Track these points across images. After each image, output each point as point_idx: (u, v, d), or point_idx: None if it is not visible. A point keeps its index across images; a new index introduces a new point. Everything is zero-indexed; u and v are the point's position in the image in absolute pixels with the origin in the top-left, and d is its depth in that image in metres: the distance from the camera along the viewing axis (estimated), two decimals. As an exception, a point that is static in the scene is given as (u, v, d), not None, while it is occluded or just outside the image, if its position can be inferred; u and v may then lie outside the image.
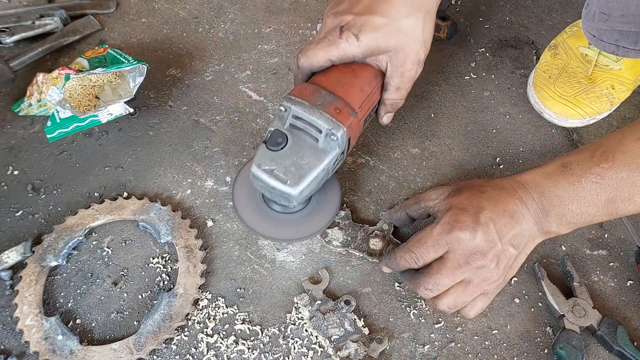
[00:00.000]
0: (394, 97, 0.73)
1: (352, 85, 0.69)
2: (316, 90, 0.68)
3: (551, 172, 0.65)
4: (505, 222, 0.63)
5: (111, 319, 0.73)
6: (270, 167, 0.67)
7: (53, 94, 0.85)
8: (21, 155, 0.88)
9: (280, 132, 0.68)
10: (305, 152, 0.67)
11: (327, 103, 0.66)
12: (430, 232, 0.65)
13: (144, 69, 0.86)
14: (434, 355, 0.71)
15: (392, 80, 0.71)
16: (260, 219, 0.76)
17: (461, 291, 0.65)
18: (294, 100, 0.67)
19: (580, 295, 0.73)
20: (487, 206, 0.64)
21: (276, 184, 0.66)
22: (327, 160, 0.67)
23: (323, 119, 0.65)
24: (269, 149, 0.67)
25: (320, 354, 0.71)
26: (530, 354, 0.72)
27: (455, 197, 0.66)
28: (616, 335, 0.69)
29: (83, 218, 0.80)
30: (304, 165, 0.66)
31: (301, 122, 0.67)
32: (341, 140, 0.66)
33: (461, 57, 1.02)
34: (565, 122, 0.90)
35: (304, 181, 0.66)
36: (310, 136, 0.67)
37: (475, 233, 0.62)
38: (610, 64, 0.88)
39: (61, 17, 1.03)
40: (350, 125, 0.67)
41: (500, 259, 0.64)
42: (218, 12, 1.09)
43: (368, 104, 0.71)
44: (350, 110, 0.67)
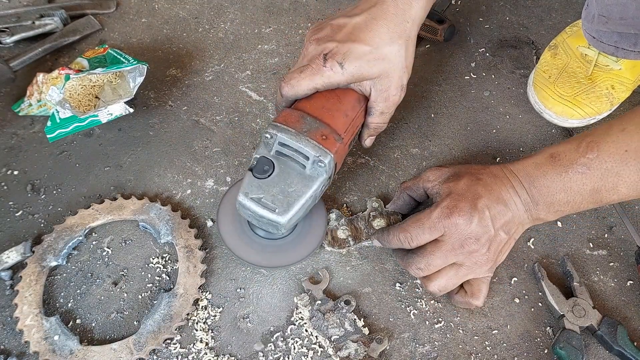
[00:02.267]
0: (377, 121, 0.75)
1: (337, 111, 0.70)
2: (301, 117, 0.68)
3: (541, 163, 0.67)
4: (499, 209, 0.66)
5: (111, 319, 0.73)
6: (257, 196, 0.67)
7: (53, 94, 0.85)
8: (21, 155, 0.88)
9: (267, 159, 0.68)
10: (292, 180, 0.67)
11: (313, 130, 0.67)
12: (429, 214, 0.67)
13: (144, 69, 0.86)
14: (434, 355, 0.71)
15: (376, 105, 0.73)
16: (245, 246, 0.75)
17: (453, 273, 0.68)
18: (279, 127, 0.67)
19: (580, 295, 0.73)
20: (484, 193, 0.66)
21: (264, 212, 0.66)
22: (315, 186, 0.68)
23: (310, 146, 0.65)
24: (256, 176, 0.67)
25: (320, 354, 0.71)
26: (530, 354, 0.72)
27: (454, 182, 0.68)
28: (616, 335, 0.69)
29: (83, 218, 0.80)
30: (292, 193, 0.67)
31: (288, 149, 0.67)
32: (328, 166, 0.66)
33: (461, 57, 1.02)
34: (565, 122, 0.90)
35: (292, 209, 0.66)
36: (297, 163, 0.67)
37: (472, 219, 0.64)
38: (610, 64, 0.88)
39: (61, 17, 1.03)
40: (337, 151, 0.67)
41: (492, 243, 0.66)
42: (218, 12, 1.09)
43: (352, 128, 0.72)
44: (336, 136, 0.68)
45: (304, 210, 0.69)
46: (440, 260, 0.67)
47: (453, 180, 0.69)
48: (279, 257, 0.75)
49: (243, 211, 0.69)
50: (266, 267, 0.76)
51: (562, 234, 0.81)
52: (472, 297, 0.70)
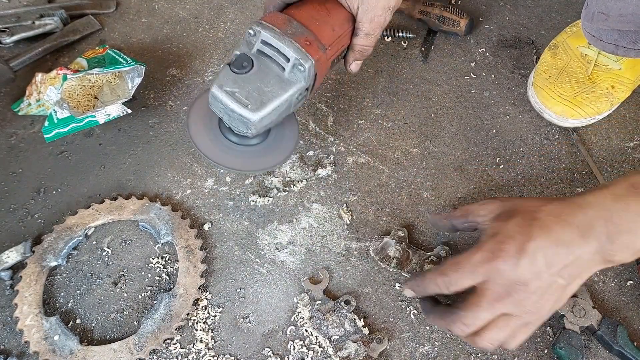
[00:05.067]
0: (363, 42, 0.74)
1: (325, 23, 0.69)
2: (288, 20, 0.67)
3: (621, 194, 0.57)
4: (557, 251, 0.56)
5: (111, 319, 0.73)
6: (232, 89, 0.64)
7: (51, 94, 0.85)
8: (21, 155, 0.88)
9: (247, 57, 0.66)
10: (270, 80, 0.66)
11: (299, 34, 0.66)
12: (469, 257, 0.58)
13: (142, 69, 0.86)
14: (434, 355, 0.71)
15: (362, 25, 0.72)
16: (216, 149, 0.72)
17: (503, 325, 0.58)
18: (264, 25, 0.65)
19: (581, 296, 0.73)
20: (539, 235, 0.57)
21: (236, 107, 0.64)
22: (292, 91, 0.66)
23: (292, 48, 0.64)
24: (233, 71, 0.65)
25: (320, 354, 0.71)
26: (530, 354, 0.72)
27: (504, 222, 0.60)
28: (616, 335, 0.69)
29: (83, 218, 0.80)
30: (267, 93, 0.65)
31: (269, 48, 0.66)
32: (308, 72, 0.65)
33: (461, 57, 1.02)
34: (565, 122, 0.90)
35: (265, 108, 0.65)
36: (277, 64, 0.66)
37: (519, 263, 0.56)
38: (610, 64, 0.88)
39: (61, 17, 1.03)
40: (319, 59, 0.66)
41: (546, 290, 0.57)
42: (218, 12, 1.09)
43: (337, 45, 0.71)
44: (320, 45, 0.67)
45: (277, 114, 0.67)
46: (488, 313, 0.58)
47: (504, 219, 0.60)
48: (248, 161, 0.73)
49: (215, 104, 0.67)
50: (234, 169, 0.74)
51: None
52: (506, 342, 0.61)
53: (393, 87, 0.97)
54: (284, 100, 0.66)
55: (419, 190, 0.86)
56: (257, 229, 0.81)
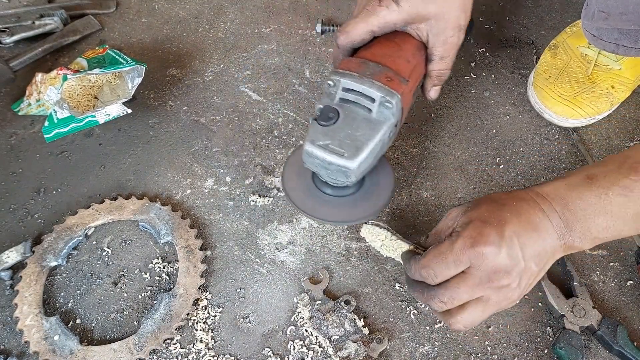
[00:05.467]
0: (439, 67, 0.72)
1: (399, 57, 0.68)
2: (363, 63, 0.66)
3: (575, 184, 0.60)
4: (529, 236, 0.59)
5: (111, 319, 0.73)
6: (324, 142, 0.63)
7: (51, 94, 0.85)
8: (21, 155, 0.88)
9: (331, 107, 0.65)
10: (359, 124, 0.64)
11: (377, 73, 0.65)
12: (450, 246, 0.59)
13: (142, 69, 0.86)
14: (434, 355, 0.71)
15: (435, 50, 0.71)
16: (315, 203, 0.71)
17: (480, 310, 0.60)
18: (342, 73, 0.65)
19: (581, 295, 0.73)
20: (511, 219, 0.59)
21: (333, 158, 0.63)
22: (383, 130, 0.64)
23: (375, 87, 0.63)
24: (321, 124, 0.64)
25: (320, 354, 0.71)
26: (530, 354, 0.72)
27: (474, 211, 0.61)
28: (616, 335, 0.69)
29: (83, 218, 0.80)
30: (359, 137, 0.63)
31: (352, 94, 0.65)
32: (396, 108, 0.64)
33: (461, 57, 1.02)
34: (565, 122, 0.90)
35: (362, 153, 0.63)
36: (362, 107, 0.65)
37: (500, 249, 0.57)
38: (610, 64, 0.88)
39: (61, 17, 1.03)
40: (403, 92, 0.65)
41: (522, 277, 0.59)
42: (218, 12, 1.09)
43: (416, 76, 0.70)
44: (401, 78, 0.66)
45: (373, 156, 0.65)
46: (466, 295, 0.59)
47: (473, 209, 0.62)
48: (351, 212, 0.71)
49: (310, 161, 0.65)
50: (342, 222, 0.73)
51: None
52: None
53: (393, 87, 0.97)
54: (378, 141, 0.64)
55: (419, 190, 0.86)
56: (257, 229, 0.81)
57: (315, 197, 0.71)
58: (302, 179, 0.73)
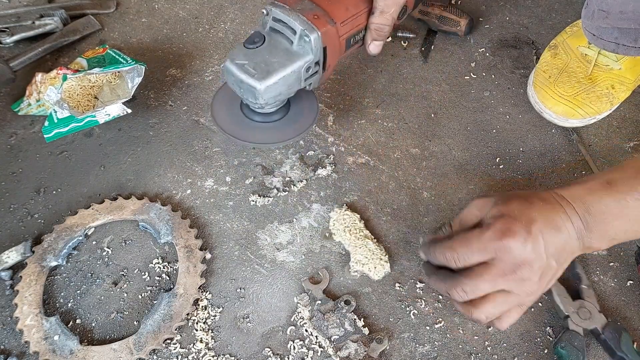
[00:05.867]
0: (378, 21, 0.75)
1: (337, 2, 0.72)
2: (301, 0, 0.71)
3: (595, 189, 0.63)
4: (553, 235, 0.61)
5: (111, 319, 0.73)
6: (241, 62, 0.69)
7: (51, 94, 0.85)
8: (21, 155, 0.88)
9: (259, 34, 0.71)
10: (278, 52, 0.70)
11: (307, 10, 0.70)
12: (479, 234, 0.61)
13: (142, 69, 0.86)
14: (434, 355, 0.71)
15: (377, 3, 0.74)
16: (236, 126, 0.78)
17: (502, 300, 0.62)
18: (275, 4, 0.70)
19: (588, 298, 0.73)
20: (538, 218, 0.61)
21: (244, 76, 0.68)
22: (299, 63, 0.70)
23: (299, 21, 0.68)
24: (245, 46, 0.70)
25: (320, 354, 0.70)
26: (530, 354, 0.72)
27: (504, 206, 0.63)
28: (620, 341, 0.69)
29: (83, 218, 0.80)
30: (274, 63, 0.69)
31: (279, 24, 0.70)
32: (314, 44, 0.69)
33: (461, 57, 1.02)
34: (565, 122, 0.90)
35: (271, 77, 0.68)
36: (286, 38, 0.70)
37: (526, 244, 0.59)
38: (610, 64, 0.88)
39: (61, 17, 1.03)
40: (326, 32, 0.69)
41: (544, 272, 0.61)
42: (218, 12, 1.09)
43: (352, 24, 0.74)
44: (329, 19, 0.70)
45: (286, 85, 0.70)
46: (489, 285, 0.61)
47: (503, 204, 0.64)
48: (266, 135, 0.77)
49: (227, 77, 0.71)
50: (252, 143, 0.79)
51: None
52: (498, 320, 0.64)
53: (393, 87, 0.97)
54: (291, 70, 0.69)
55: (419, 190, 0.86)
56: (257, 229, 0.81)
57: (241, 122, 0.78)
58: (231, 107, 0.79)
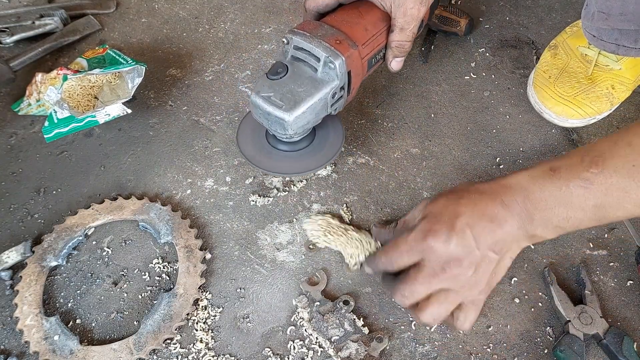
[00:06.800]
0: (399, 38, 0.74)
1: (356, 24, 0.71)
2: (320, 25, 0.70)
3: (537, 175, 0.62)
4: (484, 225, 0.61)
5: (111, 319, 0.73)
6: (268, 94, 0.68)
7: (51, 94, 0.85)
8: (21, 155, 0.88)
9: (282, 64, 0.69)
10: (303, 81, 0.68)
11: (329, 35, 0.68)
12: (405, 238, 0.63)
13: (142, 69, 0.86)
14: (434, 355, 0.71)
15: (396, 20, 0.73)
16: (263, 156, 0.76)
17: (443, 299, 0.62)
18: (296, 32, 0.69)
19: (590, 304, 0.72)
20: (464, 211, 0.61)
21: (272, 109, 0.67)
22: (325, 90, 0.68)
23: (322, 47, 0.67)
24: (269, 78, 0.69)
25: (320, 354, 0.71)
26: (530, 354, 0.72)
27: (431, 205, 0.65)
28: (622, 346, 0.68)
29: (83, 218, 0.80)
30: (300, 93, 0.67)
31: (302, 52, 0.69)
32: (339, 69, 0.67)
33: (461, 57, 1.02)
34: (565, 122, 0.90)
35: (299, 108, 0.67)
36: (310, 66, 0.69)
37: (450, 241, 0.60)
38: (610, 64, 0.88)
39: (61, 17, 1.03)
40: (350, 56, 0.68)
41: (480, 265, 0.61)
42: (218, 12, 1.09)
43: (372, 45, 0.73)
44: (351, 42, 0.69)
45: (313, 113, 0.69)
46: (424, 287, 0.62)
47: (430, 203, 0.65)
48: (293, 165, 0.76)
49: (254, 111, 0.70)
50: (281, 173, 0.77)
51: (562, 234, 0.81)
52: (457, 322, 0.65)
53: (393, 87, 0.97)
54: (318, 99, 0.68)
55: (419, 190, 0.86)
56: (257, 229, 0.81)
57: (267, 151, 0.76)
58: (256, 136, 0.78)
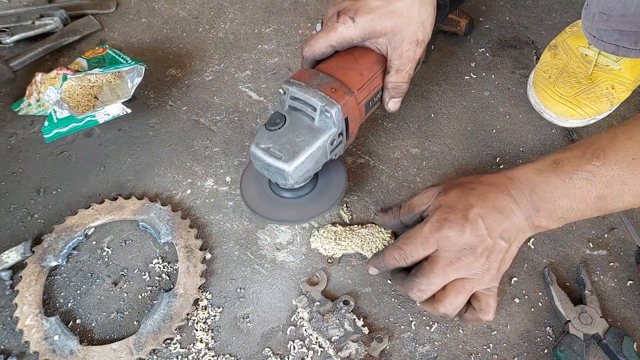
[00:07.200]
0: (395, 79, 0.74)
1: (351, 69, 0.71)
2: (315, 74, 0.70)
3: (542, 169, 0.66)
4: (495, 217, 0.64)
5: (111, 319, 0.73)
6: (267, 145, 0.68)
7: (51, 94, 0.85)
8: (21, 155, 0.88)
9: (279, 114, 0.70)
10: (301, 131, 0.68)
11: (324, 83, 0.68)
12: (419, 230, 0.65)
13: (142, 69, 0.86)
14: (434, 355, 0.71)
15: (392, 62, 0.73)
16: (264, 204, 0.76)
17: (460, 288, 0.65)
18: (291, 82, 0.69)
19: (590, 304, 0.72)
20: (476, 203, 0.64)
21: (271, 160, 0.68)
22: (323, 138, 0.68)
23: (318, 97, 0.67)
24: (267, 129, 0.69)
25: (321, 354, 0.71)
26: (530, 354, 0.72)
27: (444, 196, 0.67)
28: (622, 346, 0.68)
29: (83, 218, 0.80)
30: (299, 143, 0.68)
31: (298, 102, 0.69)
32: (336, 117, 0.67)
33: (461, 57, 1.02)
34: (565, 122, 0.90)
35: (298, 158, 0.67)
36: (307, 116, 0.69)
37: (464, 230, 0.63)
38: (610, 64, 0.88)
39: (61, 17, 1.03)
40: (345, 103, 0.68)
41: (491, 252, 0.64)
42: (218, 12, 1.09)
43: (369, 88, 0.73)
44: (346, 89, 0.69)
45: (313, 162, 0.69)
46: (440, 278, 0.64)
47: (443, 194, 0.68)
48: (296, 212, 0.76)
49: (255, 161, 0.70)
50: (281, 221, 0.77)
51: (562, 234, 0.81)
52: (481, 312, 0.67)
53: (393, 87, 0.97)
54: (316, 147, 0.68)
55: (419, 190, 0.85)
56: (257, 229, 0.81)
57: (273, 201, 0.76)
58: (259, 183, 0.78)
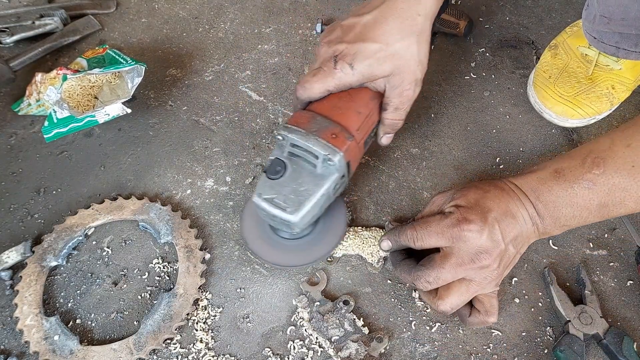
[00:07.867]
0: (392, 117, 0.74)
1: (348, 109, 0.70)
2: (312, 117, 0.68)
3: (545, 178, 0.66)
4: (508, 222, 0.64)
5: (111, 319, 0.73)
6: (270, 196, 0.67)
7: (51, 94, 0.85)
8: (21, 155, 0.88)
9: (279, 161, 0.68)
10: (304, 179, 0.67)
11: (323, 129, 0.67)
12: (439, 221, 0.65)
13: (142, 69, 0.86)
14: (434, 355, 0.71)
15: (390, 100, 0.72)
16: (268, 247, 0.75)
17: (464, 289, 0.65)
18: (290, 129, 0.68)
19: (590, 304, 0.72)
20: (493, 206, 0.64)
21: (277, 212, 0.66)
22: (326, 185, 0.67)
23: (319, 146, 0.66)
24: (269, 177, 0.68)
25: (321, 354, 0.71)
26: (530, 354, 0.72)
27: (462, 197, 0.67)
28: (622, 346, 0.68)
29: (83, 218, 0.80)
30: (303, 192, 0.67)
31: (299, 149, 0.68)
32: (339, 164, 0.66)
33: (461, 57, 1.02)
34: (565, 122, 0.90)
35: (303, 208, 0.66)
36: (308, 163, 0.68)
37: (482, 233, 0.62)
38: (611, 64, 0.88)
39: (61, 17, 1.03)
40: (347, 149, 0.67)
41: (502, 258, 0.64)
42: (218, 12, 1.09)
43: (366, 126, 0.72)
44: (347, 134, 0.68)
45: (318, 208, 0.68)
46: (450, 275, 0.64)
47: (461, 196, 0.67)
48: (295, 256, 0.75)
49: (259, 212, 0.69)
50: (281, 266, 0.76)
51: (562, 234, 0.81)
52: (487, 315, 0.67)
53: (393, 87, 0.97)
54: (321, 195, 0.67)
55: (419, 190, 0.86)
56: (257, 229, 0.81)
57: (272, 241, 0.75)
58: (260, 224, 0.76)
